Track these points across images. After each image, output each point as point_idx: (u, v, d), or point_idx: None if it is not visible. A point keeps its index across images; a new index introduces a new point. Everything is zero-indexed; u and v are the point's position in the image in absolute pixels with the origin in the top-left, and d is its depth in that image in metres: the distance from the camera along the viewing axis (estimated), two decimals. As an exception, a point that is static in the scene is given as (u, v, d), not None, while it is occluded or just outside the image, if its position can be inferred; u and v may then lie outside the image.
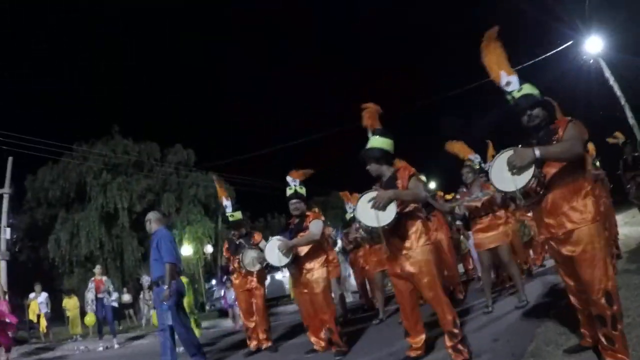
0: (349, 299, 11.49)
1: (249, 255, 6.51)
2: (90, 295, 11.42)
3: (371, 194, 3.91)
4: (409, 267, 3.96)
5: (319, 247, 5.45)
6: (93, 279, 11.61)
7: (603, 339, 3.03)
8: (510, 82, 3.38)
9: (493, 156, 7.83)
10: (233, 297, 10.05)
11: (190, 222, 24.67)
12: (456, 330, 3.93)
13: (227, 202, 7.17)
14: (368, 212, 3.87)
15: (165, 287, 5.33)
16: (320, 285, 5.28)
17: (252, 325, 6.66)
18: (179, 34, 63.89)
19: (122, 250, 22.85)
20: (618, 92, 16.57)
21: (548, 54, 17.09)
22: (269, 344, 6.53)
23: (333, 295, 7.62)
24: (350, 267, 9.80)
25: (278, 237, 5.57)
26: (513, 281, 6.04)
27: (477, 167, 6.98)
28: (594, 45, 17.00)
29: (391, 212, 3.82)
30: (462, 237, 9.51)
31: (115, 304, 11.70)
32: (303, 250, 5.39)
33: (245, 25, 70.37)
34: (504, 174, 3.13)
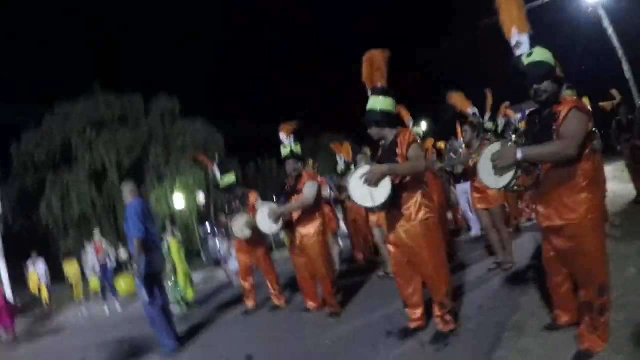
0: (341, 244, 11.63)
1: (239, 222, 6.41)
2: (91, 258, 11.51)
3: (363, 170, 3.71)
4: (407, 241, 3.84)
5: (315, 209, 5.32)
6: (92, 241, 11.70)
7: (586, 323, 3.04)
8: (520, 42, 3.13)
9: (492, 107, 7.88)
10: (223, 251, 10.28)
11: (181, 172, 24.57)
12: (447, 302, 3.92)
13: (214, 169, 7.21)
14: (362, 190, 3.69)
15: (137, 266, 5.32)
16: (317, 250, 5.25)
17: (247, 285, 6.72)
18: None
19: (115, 207, 22.82)
20: (616, 44, 16.28)
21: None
22: (282, 301, 6.60)
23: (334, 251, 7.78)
24: (343, 216, 9.77)
25: (269, 203, 5.54)
26: (502, 242, 6.08)
27: (476, 122, 6.98)
28: None
29: (385, 188, 3.63)
30: (451, 188, 9.65)
31: (114, 264, 11.69)
32: (297, 214, 5.31)
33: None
34: (489, 169, 3.07)
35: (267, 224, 5.41)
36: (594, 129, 8.53)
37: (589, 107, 10.22)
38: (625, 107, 8.69)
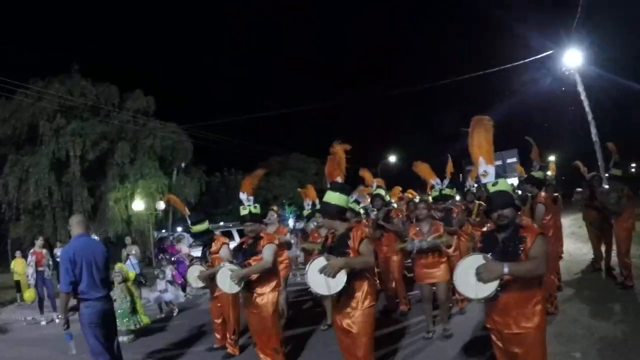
0: (297, 278, 11.58)
1: (193, 272, 6.45)
2: (30, 270, 11.02)
3: (321, 262, 3.98)
4: (351, 326, 4.08)
5: (271, 271, 5.42)
6: (32, 251, 11.15)
7: None
8: (487, 172, 3.53)
9: (452, 173, 8.09)
10: (163, 286, 9.91)
11: (144, 176, 24.15)
12: None
13: (187, 215, 7.18)
14: (318, 278, 3.97)
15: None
16: (269, 310, 5.32)
17: (218, 322, 6.63)
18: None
19: (72, 200, 22.31)
20: (587, 108, 17.02)
21: (527, 60, 17.82)
22: (235, 350, 6.47)
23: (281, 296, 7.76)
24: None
25: (230, 265, 5.49)
26: (440, 312, 6.25)
27: (436, 194, 7.20)
28: (572, 58, 17.29)
29: (341, 280, 3.91)
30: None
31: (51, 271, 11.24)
32: (255, 275, 5.37)
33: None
34: (469, 278, 3.26)
35: (227, 284, 5.39)
36: (555, 194, 8.86)
37: (554, 172, 10.63)
38: (598, 181, 8.96)
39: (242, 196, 5.69)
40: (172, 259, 11.10)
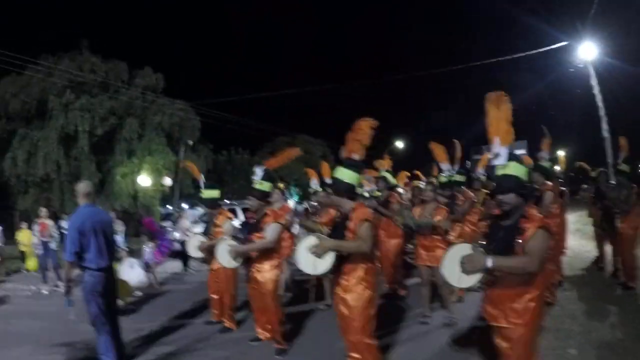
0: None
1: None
2: (35, 239, 11.14)
3: (312, 241, 3.95)
4: (342, 308, 4.04)
5: (272, 249, 5.39)
6: (39, 221, 11.20)
7: None
8: (499, 154, 3.36)
9: (461, 158, 8.00)
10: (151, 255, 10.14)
11: (152, 152, 24.29)
12: None
13: (201, 180, 7.03)
14: (306, 256, 3.94)
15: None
16: (269, 286, 5.32)
17: (215, 297, 6.64)
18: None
19: (80, 174, 22.29)
20: (599, 103, 16.80)
21: (540, 50, 17.38)
22: (232, 324, 6.53)
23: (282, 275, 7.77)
24: None
25: (230, 240, 5.51)
26: (443, 300, 6.19)
27: (444, 180, 7.11)
28: (587, 50, 17.02)
29: (328, 261, 3.89)
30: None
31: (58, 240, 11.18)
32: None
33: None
34: (455, 267, 3.18)
35: (226, 259, 5.45)
36: (562, 188, 8.79)
37: (564, 165, 10.56)
38: (605, 176, 8.83)
39: (257, 168, 5.59)
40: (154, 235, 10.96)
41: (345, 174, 4.10)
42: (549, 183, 6.47)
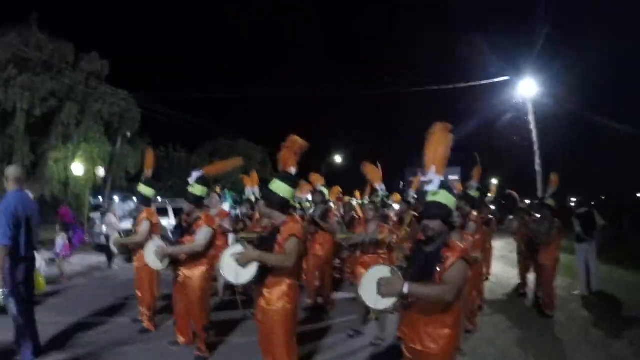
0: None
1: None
2: None
3: (237, 249, 3.94)
4: (264, 323, 3.99)
5: (201, 254, 5.29)
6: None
7: None
8: (432, 180, 3.37)
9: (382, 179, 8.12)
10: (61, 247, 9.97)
11: (88, 140, 23.55)
12: None
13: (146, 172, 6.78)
14: (230, 264, 3.90)
15: None
16: (196, 293, 5.24)
17: (139, 294, 6.44)
18: None
19: (12, 153, 21.41)
20: (534, 138, 17.67)
21: (482, 82, 18.25)
22: (151, 325, 6.39)
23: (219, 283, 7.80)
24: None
25: (157, 241, 5.41)
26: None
27: (379, 200, 7.28)
28: (528, 87, 17.96)
29: (250, 272, 3.85)
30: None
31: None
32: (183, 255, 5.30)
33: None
34: (373, 288, 3.15)
35: (152, 259, 5.34)
36: (490, 216, 9.10)
37: (495, 193, 10.96)
38: (532, 207, 9.27)
39: (193, 173, 5.49)
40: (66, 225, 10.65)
41: (279, 187, 4.06)
42: (474, 213, 6.67)
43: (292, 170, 4.31)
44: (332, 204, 9.15)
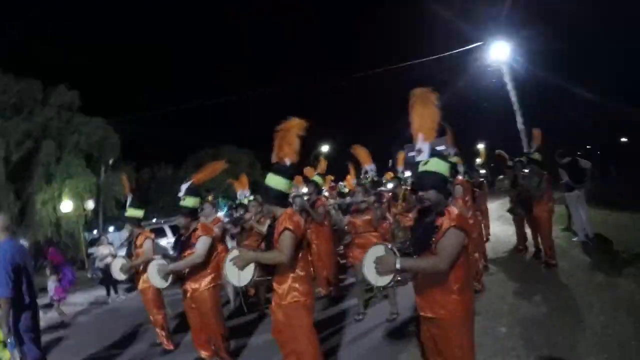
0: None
1: (116, 264, 6.41)
2: None
3: (235, 253, 3.99)
4: (279, 320, 3.99)
5: (206, 263, 5.22)
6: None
7: None
8: (421, 150, 3.37)
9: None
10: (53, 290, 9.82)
11: (71, 175, 23.31)
12: None
13: (129, 195, 6.75)
14: (232, 269, 3.95)
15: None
16: (207, 304, 5.18)
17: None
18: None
19: (-1, 205, 21.11)
20: (513, 98, 17.93)
21: (457, 50, 18.54)
22: (170, 345, 6.40)
23: (228, 290, 7.90)
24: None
25: (158, 260, 5.42)
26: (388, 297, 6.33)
27: (369, 181, 7.36)
28: (501, 50, 18.19)
29: (249, 273, 3.90)
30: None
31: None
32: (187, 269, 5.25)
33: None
34: (372, 267, 3.24)
35: (157, 280, 5.33)
36: (481, 179, 9.22)
37: (485, 157, 11.08)
38: (520, 165, 9.38)
39: (183, 186, 5.43)
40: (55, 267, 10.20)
41: (274, 181, 4.00)
42: (459, 177, 6.75)
43: (287, 161, 4.23)
44: (326, 193, 9.20)
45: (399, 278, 3.24)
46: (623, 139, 43.01)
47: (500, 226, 12.82)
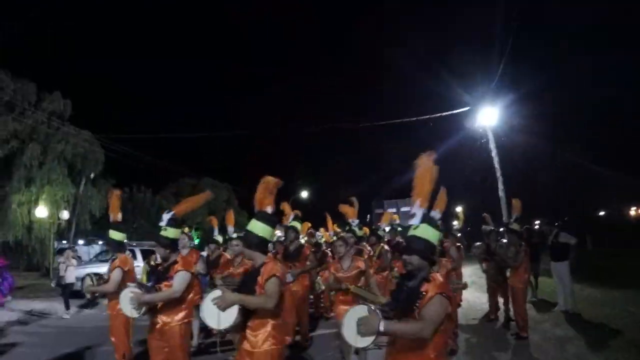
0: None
1: (86, 282, 6.25)
2: None
3: (217, 294, 3.87)
4: None
5: (180, 300, 5.06)
6: None
7: None
8: (415, 214, 3.40)
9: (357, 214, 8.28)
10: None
11: (51, 182, 22.99)
12: None
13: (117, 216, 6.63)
14: (211, 309, 3.83)
15: None
16: (177, 340, 4.98)
17: (113, 340, 6.19)
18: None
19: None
20: (496, 165, 18.16)
21: (446, 113, 18.82)
22: None
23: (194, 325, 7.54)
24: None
25: (132, 288, 5.19)
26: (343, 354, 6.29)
27: (352, 237, 7.34)
28: (488, 115, 18.48)
29: (231, 316, 3.81)
30: (318, 278, 9.73)
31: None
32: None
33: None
34: (353, 327, 3.21)
35: (128, 308, 5.10)
36: (458, 243, 9.33)
37: (463, 219, 11.16)
38: (495, 235, 9.60)
39: (165, 215, 5.28)
40: None
41: (258, 228, 4.06)
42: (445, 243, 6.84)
43: (269, 209, 4.26)
44: (302, 240, 9.16)
45: (377, 342, 3.19)
46: (601, 213, 43.57)
47: (472, 292, 12.83)
